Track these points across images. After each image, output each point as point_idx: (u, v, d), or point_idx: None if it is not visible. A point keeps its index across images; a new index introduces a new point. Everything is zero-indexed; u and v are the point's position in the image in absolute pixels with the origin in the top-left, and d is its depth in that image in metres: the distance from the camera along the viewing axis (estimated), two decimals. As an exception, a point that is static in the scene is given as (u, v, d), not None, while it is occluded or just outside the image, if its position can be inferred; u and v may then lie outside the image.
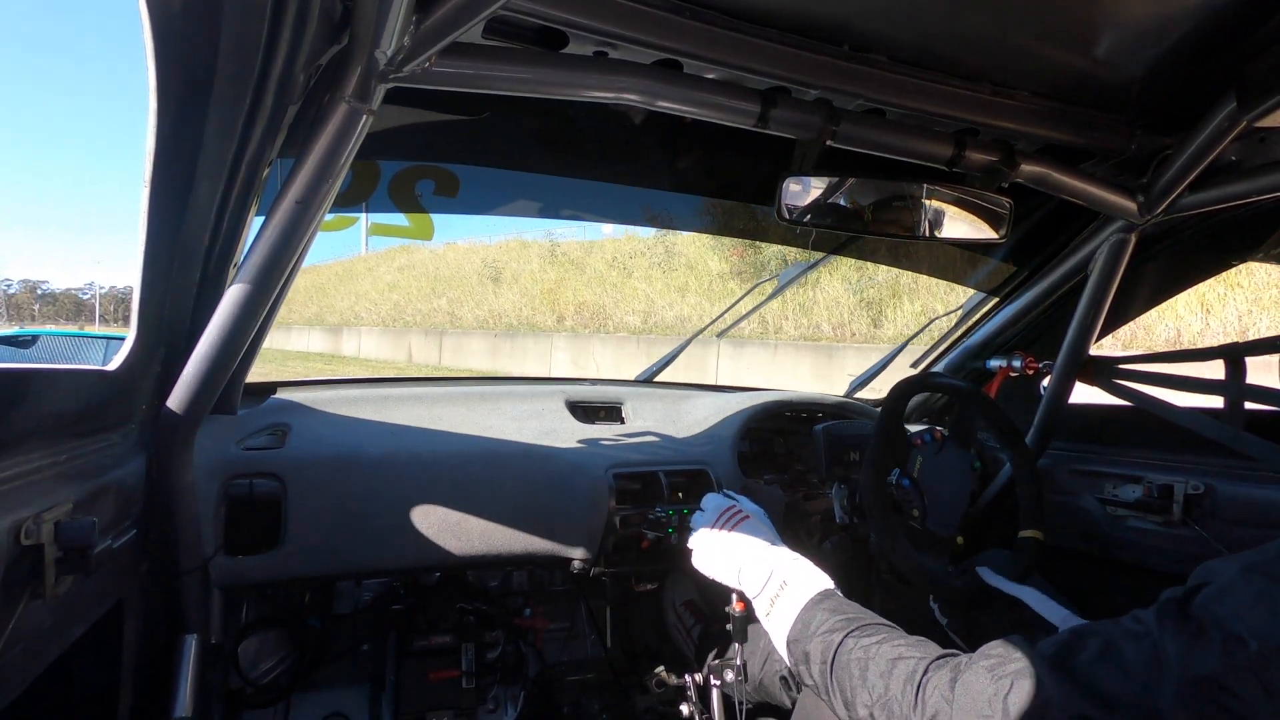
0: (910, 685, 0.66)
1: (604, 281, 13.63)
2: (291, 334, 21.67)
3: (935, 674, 0.65)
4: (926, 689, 0.65)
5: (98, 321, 63.14)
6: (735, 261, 11.44)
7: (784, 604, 0.85)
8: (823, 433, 1.44)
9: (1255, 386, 1.19)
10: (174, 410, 0.95)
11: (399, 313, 18.07)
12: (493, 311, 15.32)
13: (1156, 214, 1.17)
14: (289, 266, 0.89)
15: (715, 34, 0.85)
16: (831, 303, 9.79)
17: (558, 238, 16.19)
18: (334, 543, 1.17)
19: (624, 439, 1.48)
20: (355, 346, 18.21)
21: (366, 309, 19.25)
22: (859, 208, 1.12)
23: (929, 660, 0.67)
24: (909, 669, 0.67)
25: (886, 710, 0.67)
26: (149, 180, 0.71)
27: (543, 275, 15.33)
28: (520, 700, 1.50)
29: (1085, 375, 1.44)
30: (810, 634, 0.79)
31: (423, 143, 1.21)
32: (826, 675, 0.74)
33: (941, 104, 0.98)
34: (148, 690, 1.00)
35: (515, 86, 0.83)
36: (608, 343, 11.69)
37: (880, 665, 0.69)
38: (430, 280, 18.40)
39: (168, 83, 0.65)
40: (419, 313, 17.42)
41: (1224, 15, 0.81)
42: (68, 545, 0.68)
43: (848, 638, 0.74)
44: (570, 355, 12.18)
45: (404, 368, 15.17)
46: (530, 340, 13.17)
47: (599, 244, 15.00)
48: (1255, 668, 0.50)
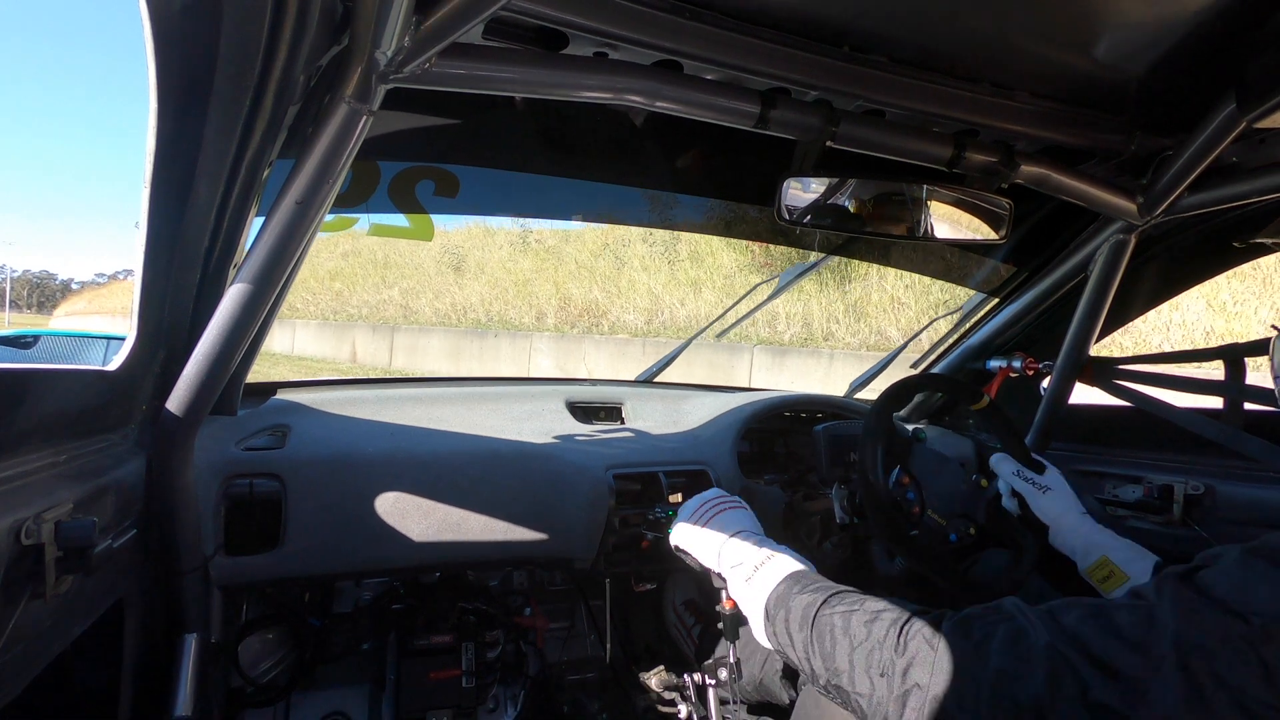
0: (894, 630, 0.66)
1: (592, 273, 11.78)
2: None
3: (919, 621, 0.65)
4: (909, 632, 0.65)
5: (7, 308, 60.64)
6: (759, 253, 9.74)
7: (765, 573, 0.85)
8: (823, 433, 1.44)
9: (1255, 387, 1.20)
10: (174, 411, 0.95)
11: (341, 305, 15.78)
12: (455, 305, 13.33)
13: (1156, 215, 1.17)
14: (289, 267, 0.89)
15: (715, 34, 0.85)
16: (892, 303, 7.98)
17: (530, 225, 14.04)
18: (334, 542, 1.17)
19: (624, 439, 1.48)
20: (289, 343, 15.72)
21: (303, 299, 16.48)
22: (859, 208, 1.12)
23: (911, 611, 0.68)
24: (893, 617, 0.67)
25: (867, 656, 0.66)
26: (149, 180, 0.71)
27: (514, 265, 13.34)
28: (520, 700, 1.51)
29: (1085, 376, 1.44)
30: (792, 594, 0.78)
31: (423, 143, 1.21)
32: (807, 631, 0.73)
33: (941, 105, 0.98)
34: (148, 689, 1.00)
35: (515, 87, 0.83)
36: (603, 345, 10.00)
37: (864, 616, 0.69)
38: (379, 268, 16.00)
39: (168, 83, 0.65)
40: (366, 305, 15.24)
41: (1224, 15, 0.81)
42: (68, 545, 0.68)
43: (831, 597, 0.74)
44: (555, 360, 10.41)
45: (346, 369, 13.32)
46: (504, 340, 11.33)
47: (578, 233, 12.99)
48: (1255, 643, 0.50)
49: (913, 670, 0.62)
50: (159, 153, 0.69)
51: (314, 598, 1.42)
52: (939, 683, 0.60)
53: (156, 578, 1.01)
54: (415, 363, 12.45)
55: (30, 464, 0.69)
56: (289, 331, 15.86)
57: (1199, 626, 0.52)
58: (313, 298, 16.58)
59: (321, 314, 15.92)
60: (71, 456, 0.78)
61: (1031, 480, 1.15)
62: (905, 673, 0.63)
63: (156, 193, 0.73)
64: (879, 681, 0.65)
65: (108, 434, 0.89)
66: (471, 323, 12.63)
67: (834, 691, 0.70)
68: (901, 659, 0.63)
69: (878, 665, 0.65)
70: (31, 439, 0.70)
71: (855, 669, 0.67)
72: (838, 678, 0.69)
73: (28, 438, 0.69)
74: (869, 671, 0.66)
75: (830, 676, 0.70)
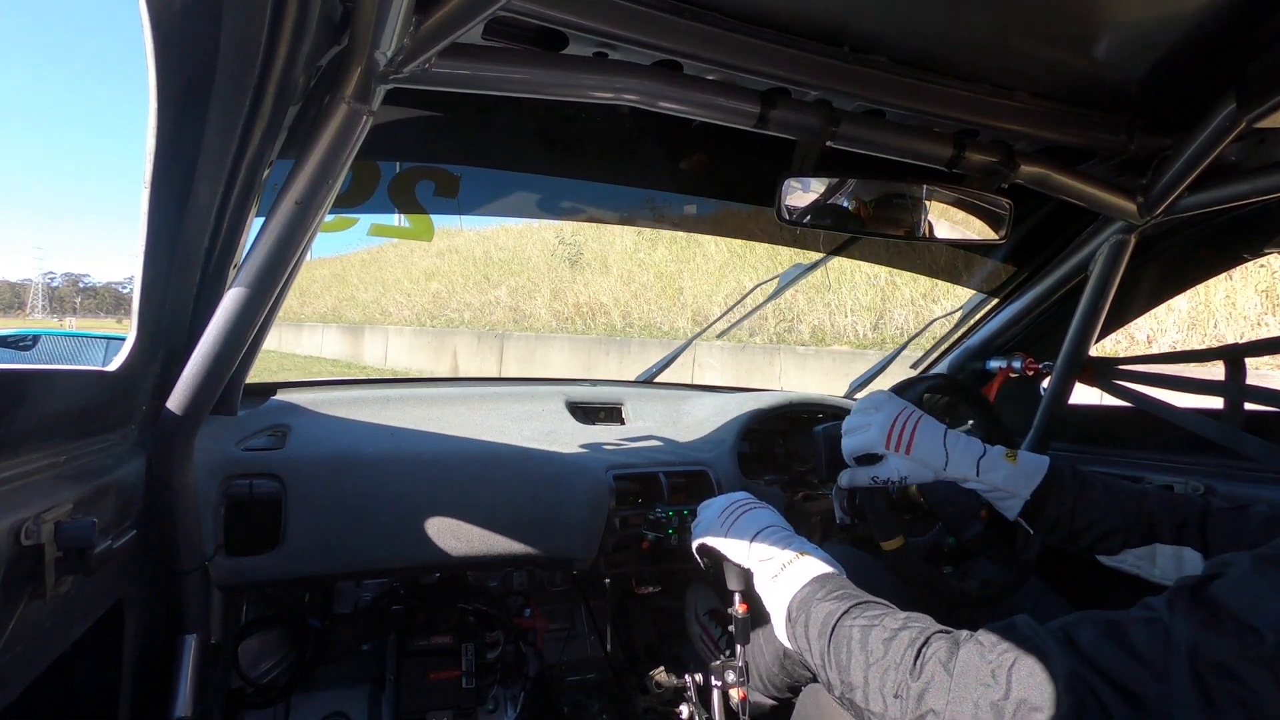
0: (911, 650, 0.64)
1: (755, 266, 8.89)
2: (303, 332, 17.78)
3: (936, 642, 0.64)
4: (925, 654, 0.63)
5: (135, 316, 63.86)
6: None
7: (794, 572, 0.83)
8: (823, 433, 1.44)
9: (1255, 387, 1.20)
10: (174, 411, 0.95)
11: (440, 308, 13.91)
12: (580, 306, 10.95)
13: (1156, 215, 1.17)
14: (289, 267, 0.89)
15: (715, 35, 0.85)
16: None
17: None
18: (334, 543, 1.17)
19: (624, 440, 1.48)
20: (381, 352, 14.25)
21: (396, 303, 15.11)
22: (859, 208, 1.12)
23: (931, 631, 0.66)
24: (911, 636, 0.66)
25: (882, 676, 0.65)
26: (149, 180, 0.71)
27: (646, 257, 10.82)
28: (520, 700, 1.51)
29: (1085, 376, 1.44)
30: (814, 600, 0.77)
31: (423, 143, 1.21)
32: (825, 641, 0.72)
33: (941, 105, 0.98)
34: (148, 690, 1.00)
35: (515, 87, 0.83)
36: (810, 359, 7.18)
37: (883, 633, 0.68)
38: (480, 265, 14.19)
39: (168, 83, 0.65)
40: (469, 308, 13.24)
41: (1224, 15, 0.81)
42: (68, 545, 0.68)
43: (853, 607, 0.73)
44: (739, 375, 7.49)
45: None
46: (653, 349, 8.41)
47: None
48: (1270, 661, 0.49)
49: (928, 695, 0.61)
50: (159, 153, 0.69)
51: (314, 598, 1.42)
52: (957, 713, 0.59)
53: (156, 578, 1.01)
54: (534, 372, 9.86)
55: (30, 464, 0.69)
56: (381, 338, 14.55)
57: (1214, 643, 0.51)
58: (408, 300, 15.29)
59: (418, 319, 14.40)
60: (71, 457, 0.77)
61: (875, 477, 1.03)
62: (920, 697, 0.62)
63: (156, 193, 0.73)
64: (893, 703, 0.64)
65: (108, 434, 0.89)
66: (603, 329, 10.12)
67: (848, 705, 0.70)
68: (916, 683, 0.62)
69: (892, 686, 0.64)
70: (31, 439, 0.70)
71: (870, 686, 0.66)
72: (851, 692, 0.68)
73: (28, 438, 0.69)
74: (883, 691, 0.65)
75: (845, 690, 0.69)
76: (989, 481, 0.97)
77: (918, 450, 0.97)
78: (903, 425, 0.98)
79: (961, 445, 0.98)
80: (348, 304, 17.83)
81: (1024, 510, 0.97)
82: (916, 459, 0.98)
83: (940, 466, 0.97)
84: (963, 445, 0.98)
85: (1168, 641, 0.53)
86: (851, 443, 1.03)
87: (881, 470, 1.01)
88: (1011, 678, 0.57)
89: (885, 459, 1.00)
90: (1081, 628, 0.58)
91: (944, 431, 0.99)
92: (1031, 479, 0.96)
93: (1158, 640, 0.54)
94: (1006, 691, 0.57)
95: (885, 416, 1.00)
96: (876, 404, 1.02)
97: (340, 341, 16.08)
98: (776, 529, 0.93)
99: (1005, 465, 0.97)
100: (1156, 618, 0.55)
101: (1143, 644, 0.54)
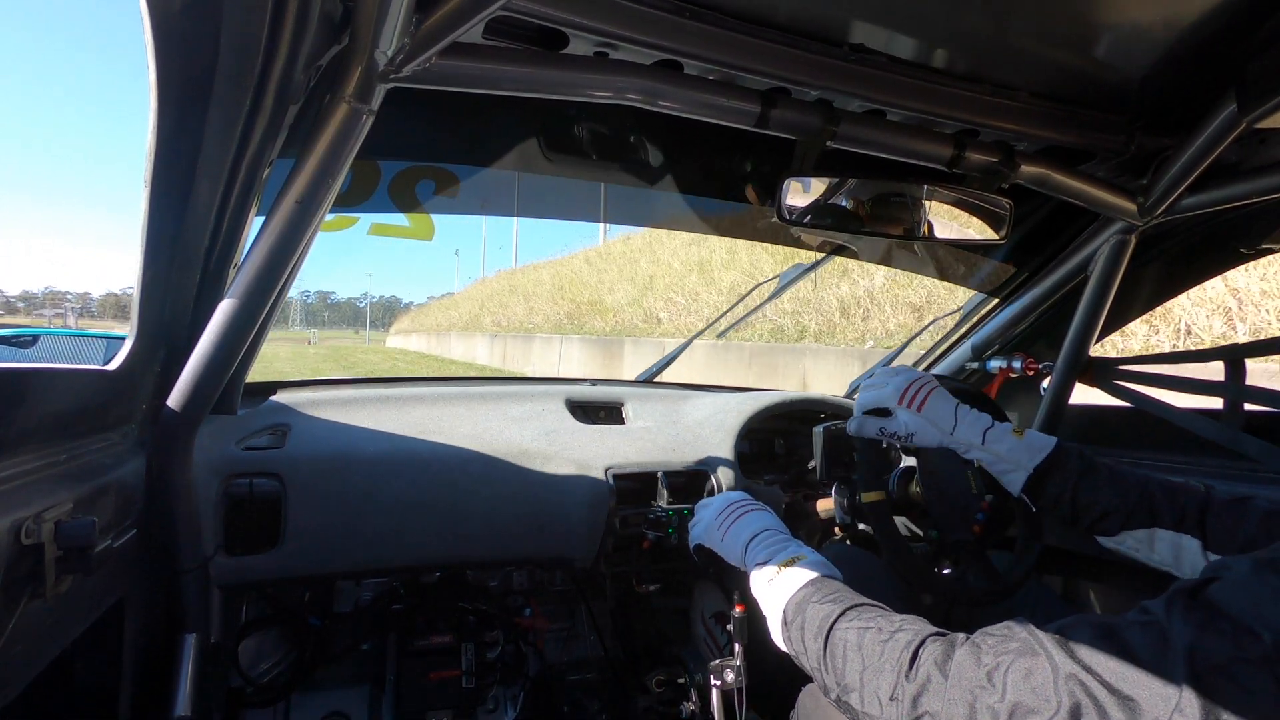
0: (906, 653, 0.65)
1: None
2: (534, 345, 15.80)
3: (932, 644, 0.64)
4: (921, 656, 0.64)
5: (368, 326, 68.53)
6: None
7: (789, 575, 0.83)
8: (822, 433, 1.44)
9: (1254, 388, 1.20)
10: (174, 410, 0.95)
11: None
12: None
13: (1157, 215, 1.17)
14: (289, 266, 0.89)
15: (715, 34, 0.85)
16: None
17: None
18: (334, 542, 1.17)
19: (624, 439, 1.48)
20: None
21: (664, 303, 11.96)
22: (859, 208, 1.12)
23: (926, 633, 0.66)
24: (907, 639, 0.66)
25: (877, 678, 0.65)
26: (149, 180, 0.71)
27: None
28: (520, 700, 1.51)
29: (1085, 376, 1.44)
30: (810, 602, 0.77)
31: (423, 143, 1.21)
32: (820, 644, 0.73)
33: (941, 105, 0.98)
34: (148, 689, 1.00)
35: (515, 86, 0.83)
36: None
37: (879, 635, 0.68)
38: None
39: (168, 83, 0.65)
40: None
41: (1224, 15, 0.81)
42: (68, 545, 0.68)
43: (849, 610, 0.73)
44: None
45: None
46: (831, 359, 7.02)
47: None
48: (1269, 661, 0.49)
49: (924, 698, 0.61)
50: (159, 152, 0.69)
51: (314, 597, 1.42)
52: (952, 715, 0.59)
53: (156, 577, 1.02)
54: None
55: (30, 463, 0.69)
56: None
57: (1211, 645, 0.51)
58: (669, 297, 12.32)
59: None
60: (71, 456, 0.78)
61: (894, 433, 1.05)
62: (916, 700, 0.62)
63: (156, 192, 0.73)
64: (889, 706, 0.64)
65: (108, 433, 0.89)
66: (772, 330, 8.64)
67: (844, 707, 0.70)
68: (912, 685, 0.62)
69: (888, 689, 0.64)
70: (32, 438, 0.70)
71: (865, 689, 0.66)
72: (847, 695, 0.68)
73: (28, 437, 0.69)
74: (878, 694, 0.65)
75: (841, 693, 0.69)
76: (994, 451, 0.99)
77: (929, 410, 1.02)
78: (918, 389, 1.03)
79: (971, 415, 1.02)
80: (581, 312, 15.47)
81: (1026, 485, 0.99)
82: (926, 417, 1.02)
83: (948, 429, 1.01)
84: (972, 416, 1.02)
85: (1165, 644, 0.53)
86: (867, 397, 1.08)
87: (890, 424, 1.05)
88: (1007, 680, 0.57)
89: (895, 415, 1.04)
90: (1078, 631, 0.58)
91: (956, 402, 1.03)
92: (1036, 454, 0.98)
93: (1154, 643, 0.53)
94: (1002, 694, 0.57)
95: (903, 379, 1.05)
96: (896, 370, 1.08)
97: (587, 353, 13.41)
98: (772, 532, 0.93)
99: (1011, 439, 1.00)
100: (1153, 621, 0.55)
101: (1139, 647, 0.54)
